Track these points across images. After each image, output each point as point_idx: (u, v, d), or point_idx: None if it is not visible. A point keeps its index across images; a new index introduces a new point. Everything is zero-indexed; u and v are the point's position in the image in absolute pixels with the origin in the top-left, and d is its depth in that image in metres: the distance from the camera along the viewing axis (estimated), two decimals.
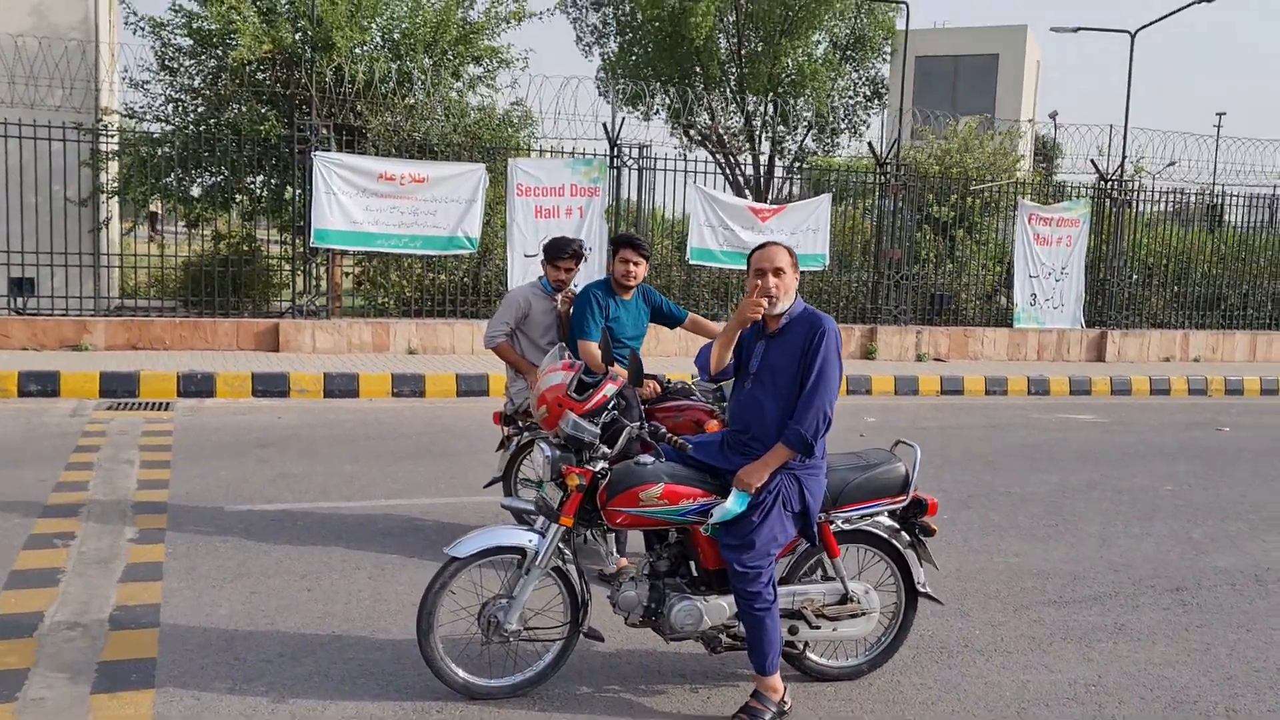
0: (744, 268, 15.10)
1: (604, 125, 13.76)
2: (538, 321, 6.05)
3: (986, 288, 16.76)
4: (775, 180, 27.02)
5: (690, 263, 14.22)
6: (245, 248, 13.91)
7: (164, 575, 5.23)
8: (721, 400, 5.61)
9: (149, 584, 5.09)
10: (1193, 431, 11.26)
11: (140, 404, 10.03)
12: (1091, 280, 16.30)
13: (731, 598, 3.90)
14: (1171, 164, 16.68)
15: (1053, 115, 23.69)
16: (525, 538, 3.94)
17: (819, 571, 4.23)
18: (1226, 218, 17.94)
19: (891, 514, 4.24)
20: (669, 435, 3.93)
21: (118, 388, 10.31)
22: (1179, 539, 6.83)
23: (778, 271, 3.99)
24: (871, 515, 4.18)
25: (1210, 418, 12.34)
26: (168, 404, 10.06)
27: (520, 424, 6.05)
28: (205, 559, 5.53)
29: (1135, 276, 16.57)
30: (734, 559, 3.85)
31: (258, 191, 14.19)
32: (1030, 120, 19.86)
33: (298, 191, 12.85)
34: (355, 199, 12.48)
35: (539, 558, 3.90)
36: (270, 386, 10.76)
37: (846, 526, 4.14)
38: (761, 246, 4.10)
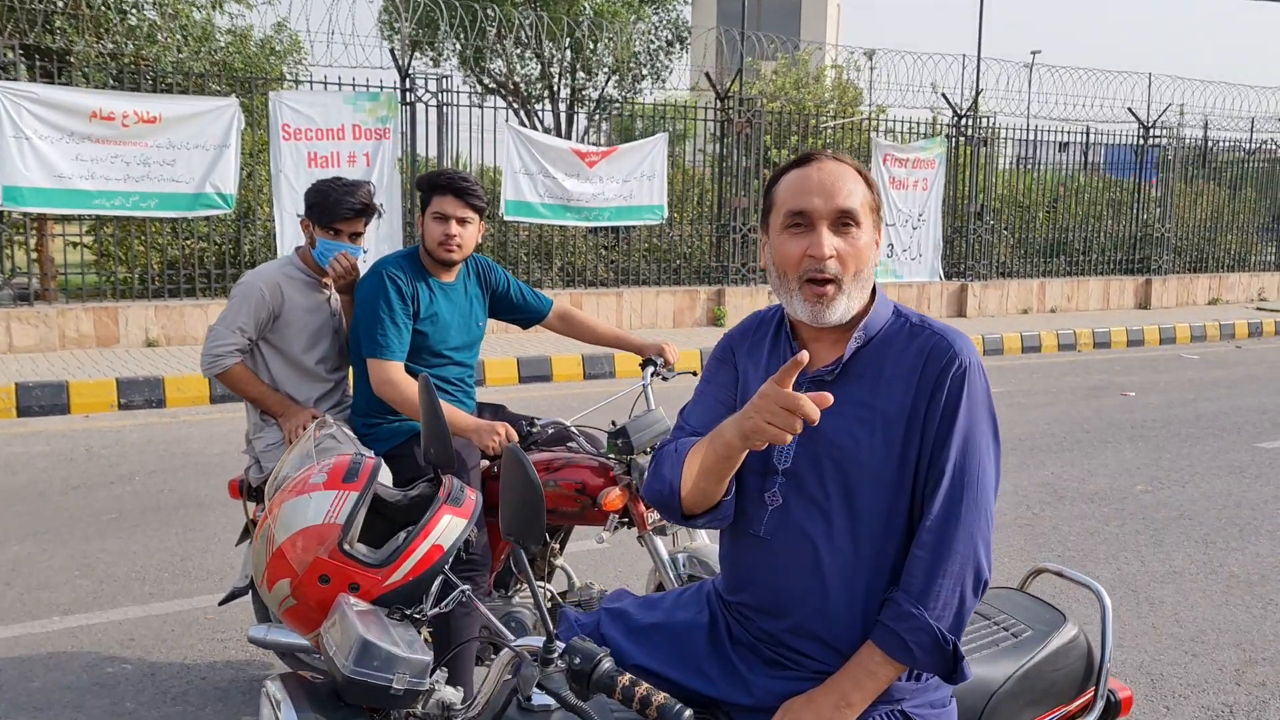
0: (569, 223, 12.86)
1: (392, 51, 11.08)
2: (299, 325, 3.56)
3: None
4: (577, 127, 24.90)
5: (505, 218, 11.75)
6: None
7: None
8: (626, 450, 3.29)
9: None
10: (1100, 400, 9.75)
11: None
12: (945, 228, 14.78)
13: None
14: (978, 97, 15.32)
15: (869, 53, 22.27)
16: None
17: None
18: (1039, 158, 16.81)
19: None
20: (641, 687, 1.54)
21: None
22: (1220, 577, 5.02)
23: (844, 219, 1.75)
24: None
25: (1105, 380, 10.93)
26: None
27: None
28: None
29: (993, 223, 15.14)
30: None
31: None
32: (868, 53, 18.21)
33: None
34: (59, 145, 9.37)
35: None
36: None
37: None
38: (803, 162, 1.82)
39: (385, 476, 1.83)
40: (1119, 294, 16.31)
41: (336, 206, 3.50)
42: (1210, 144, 17.66)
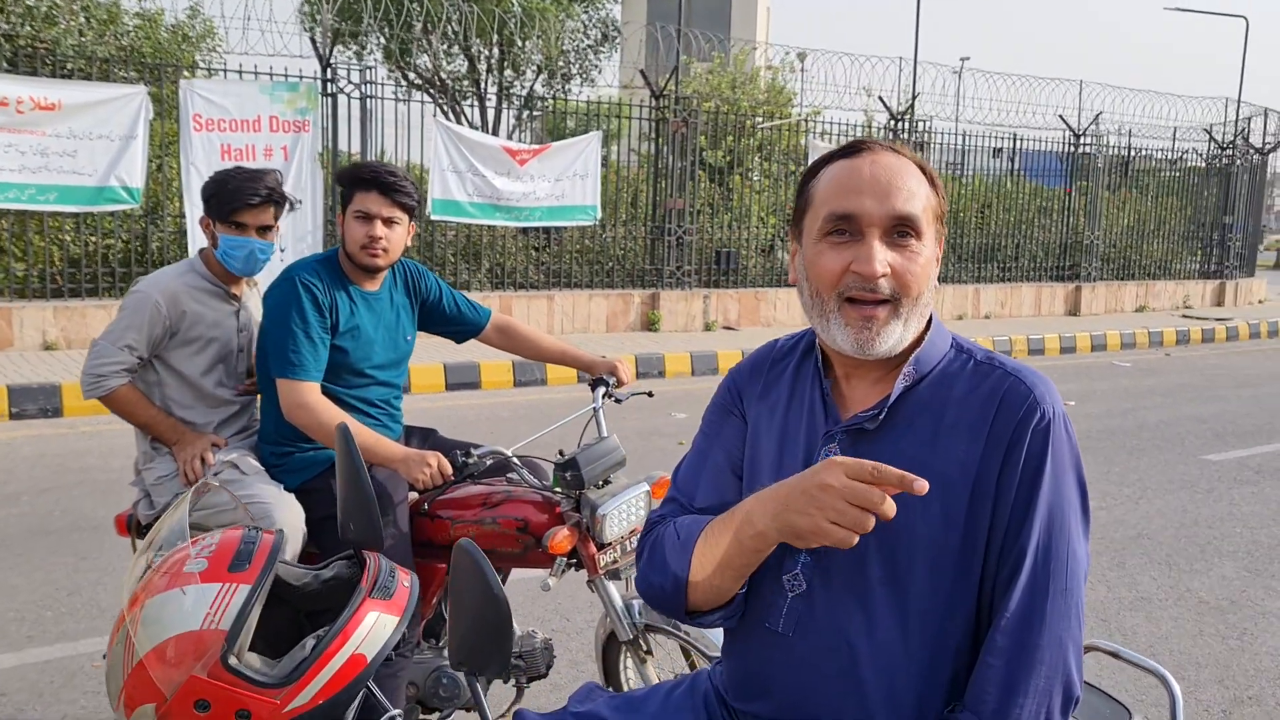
0: (498, 223, 12.51)
1: (312, 40, 10.53)
2: (202, 341, 3.11)
3: (764, 242, 14.79)
4: (504, 126, 24.44)
5: (431, 218, 11.26)
6: None
7: None
8: (575, 484, 2.91)
9: None
10: None
11: None
12: None
13: None
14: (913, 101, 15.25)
15: (802, 54, 22.19)
16: None
17: None
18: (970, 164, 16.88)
19: None
20: None
21: None
22: (1190, 603, 4.80)
23: (902, 226, 1.40)
24: None
25: None
26: None
27: None
28: None
29: None
30: None
31: None
32: (800, 54, 18.03)
33: None
34: None
35: None
36: None
37: None
38: (851, 151, 1.45)
39: (295, 544, 1.42)
40: (1050, 301, 16.35)
41: (238, 194, 3.06)
42: (1134, 152, 17.82)
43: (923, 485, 1.20)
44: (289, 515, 2.87)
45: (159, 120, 10.04)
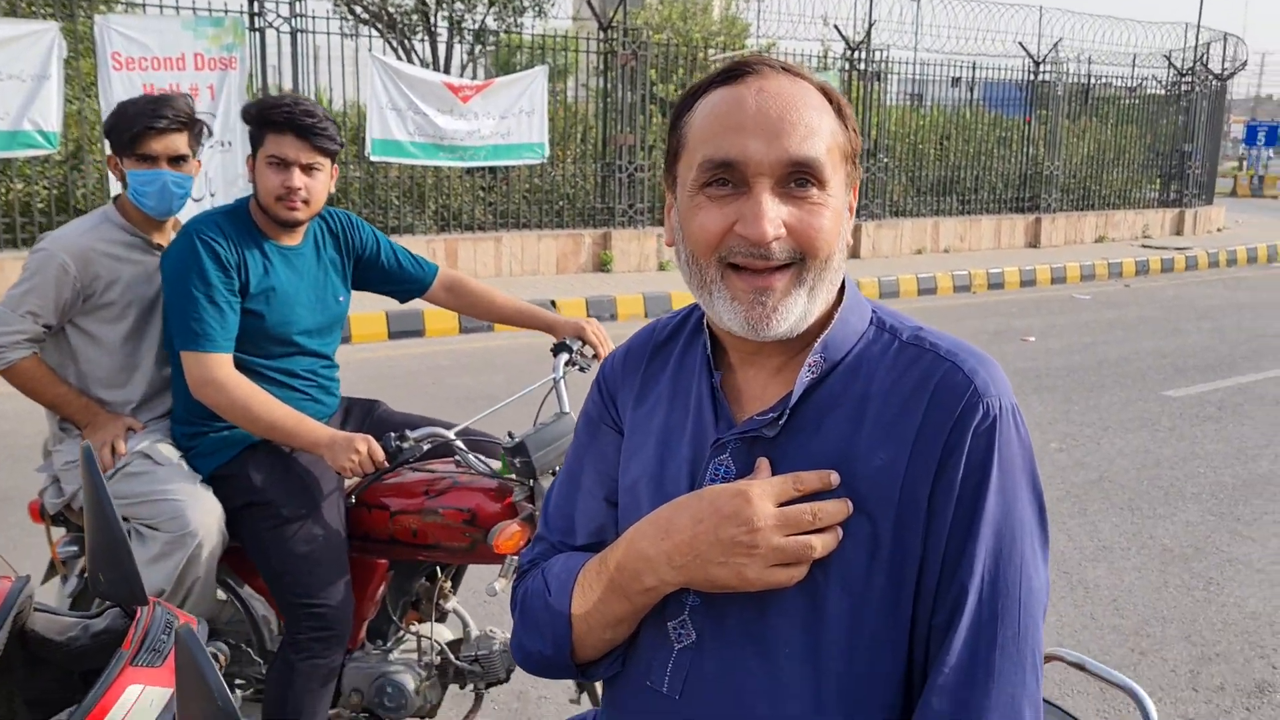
0: (442, 164, 12.03)
1: None
2: (122, 302, 2.74)
3: None
4: (456, 63, 23.74)
5: (371, 159, 10.80)
6: None
7: None
8: (526, 473, 2.57)
9: None
10: (1002, 346, 9.42)
11: None
12: None
13: None
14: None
15: None
16: None
17: None
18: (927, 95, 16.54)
19: None
20: None
21: None
22: (1154, 552, 4.63)
23: (800, 174, 1.07)
24: None
25: (1004, 324, 10.65)
26: None
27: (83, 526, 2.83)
28: None
29: (886, 161, 14.71)
30: None
31: None
32: None
33: None
34: None
35: None
36: None
37: None
38: (733, 76, 1.12)
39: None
40: (1010, 233, 16.14)
41: (139, 118, 2.68)
42: (1094, 80, 17.55)
43: (835, 477, 1.08)
44: (204, 516, 2.55)
45: (77, 59, 9.49)
